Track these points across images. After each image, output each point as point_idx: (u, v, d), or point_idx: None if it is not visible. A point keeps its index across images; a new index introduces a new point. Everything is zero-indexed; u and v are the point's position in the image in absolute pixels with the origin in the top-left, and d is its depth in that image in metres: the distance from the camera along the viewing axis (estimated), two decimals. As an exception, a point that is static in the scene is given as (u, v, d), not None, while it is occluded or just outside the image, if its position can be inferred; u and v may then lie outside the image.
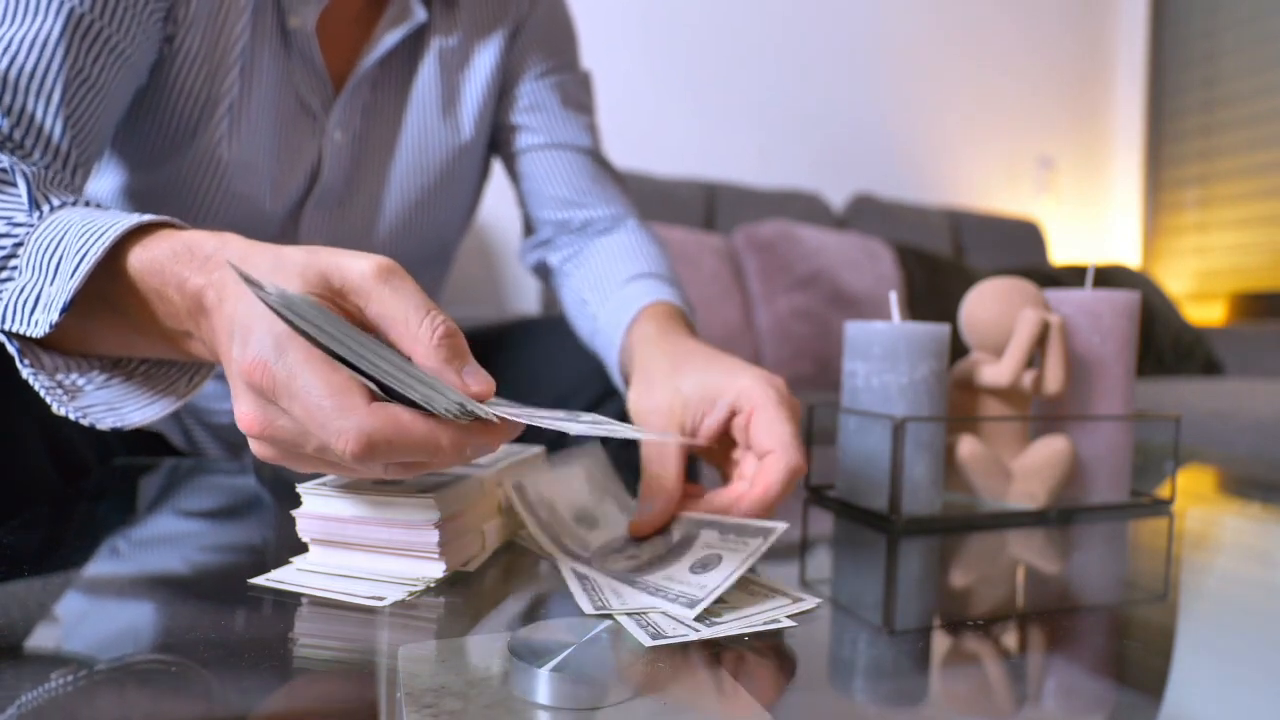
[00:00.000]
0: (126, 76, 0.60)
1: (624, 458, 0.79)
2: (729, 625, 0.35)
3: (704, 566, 0.38)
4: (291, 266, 0.35)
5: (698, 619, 0.35)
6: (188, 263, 0.40)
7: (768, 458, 0.46)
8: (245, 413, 0.34)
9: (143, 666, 0.31)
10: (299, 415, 0.32)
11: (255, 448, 0.36)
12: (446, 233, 0.84)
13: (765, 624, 0.35)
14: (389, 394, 0.33)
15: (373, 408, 0.32)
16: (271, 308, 0.32)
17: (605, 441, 0.83)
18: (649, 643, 0.32)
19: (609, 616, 0.35)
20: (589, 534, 0.46)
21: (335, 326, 0.32)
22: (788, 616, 0.36)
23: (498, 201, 1.46)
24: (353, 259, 0.36)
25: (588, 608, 0.36)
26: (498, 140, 0.84)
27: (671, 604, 0.35)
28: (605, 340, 0.72)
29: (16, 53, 0.53)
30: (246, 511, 0.58)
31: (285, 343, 0.32)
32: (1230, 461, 1.00)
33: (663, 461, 0.48)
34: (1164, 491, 0.66)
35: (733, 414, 0.49)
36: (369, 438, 0.31)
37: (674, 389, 0.51)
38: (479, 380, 0.35)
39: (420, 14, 0.72)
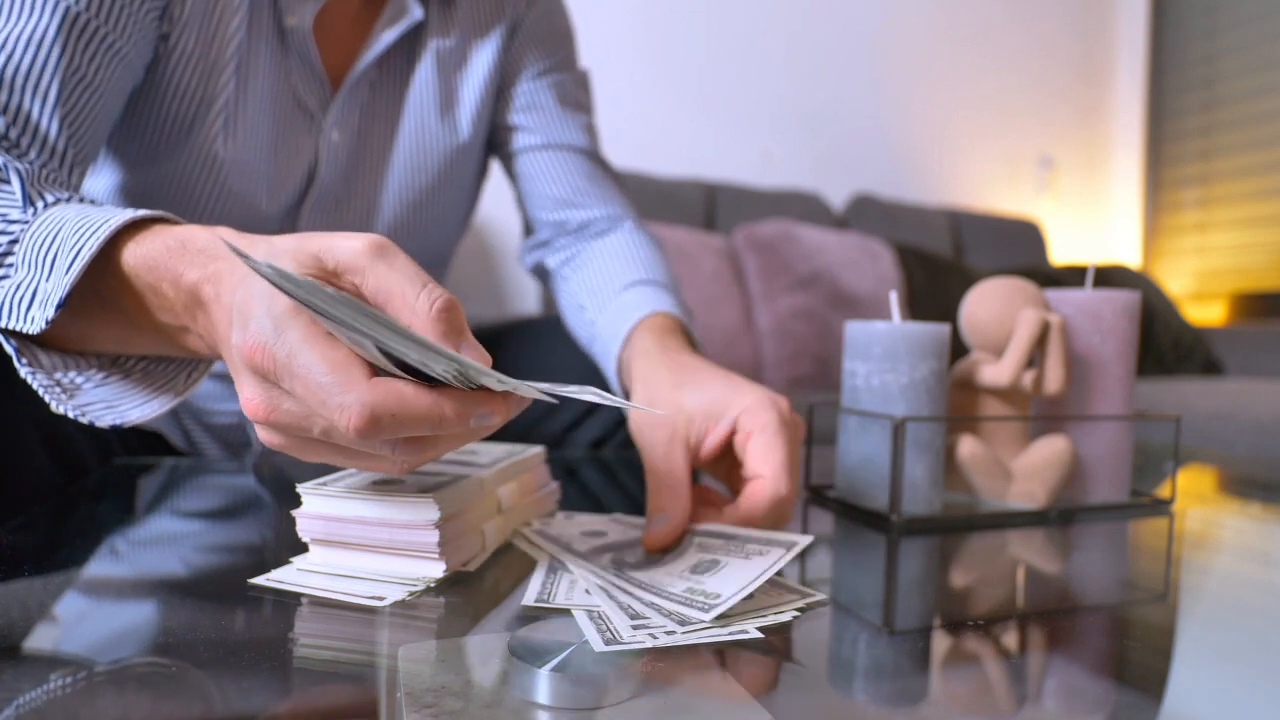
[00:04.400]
0: (122, 75, 0.60)
1: (626, 457, 0.79)
2: (697, 634, 0.33)
3: (704, 570, 0.37)
4: (284, 252, 0.35)
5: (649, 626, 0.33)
6: (181, 257, 0.40)
7: (755, 483, 0.46)
8: (249, 397, 0.33)
9: (143, 667, 0.31)
10: (301, 394, 0.31)
11: (263, 435, 0.35)
12: (445, 233, 0.84)
13: (730, 635, 0.33)
14: (405, 369, 0.32)
15: (373, 381, 0.31)
16: (266, 278, 0.30)
17: (594, 410, 0.83)
18: (600, 647, 0.30)
19: (551, 610, 0.35)
20: (594, 541, 0.46)
21: (327, 297, 0.30)
22: (758, 629, 0.34)
23: (497, 202, 1.46)
24: (344, 238, 0.35)
25: (530, 599, 0.36)
26: (495, 140, 0.84)
27: (685, 608, 0.34)
28: (603, 349, 0.71)
29: (13, 51, 0.53)
30: (246, 511, 0.58)
31: (284, 322, 0.32)
32: (1230, 461, 1.00)
33: (671, 468, 0.47)
34: (1164, 491, 0.66)
35: (734, 431, 0.48)
36: (372, 410, 0.30)
37: (677, 404, 0.50)
38: (477, 356, 0.33)
39: (417, 12, 0.72)
